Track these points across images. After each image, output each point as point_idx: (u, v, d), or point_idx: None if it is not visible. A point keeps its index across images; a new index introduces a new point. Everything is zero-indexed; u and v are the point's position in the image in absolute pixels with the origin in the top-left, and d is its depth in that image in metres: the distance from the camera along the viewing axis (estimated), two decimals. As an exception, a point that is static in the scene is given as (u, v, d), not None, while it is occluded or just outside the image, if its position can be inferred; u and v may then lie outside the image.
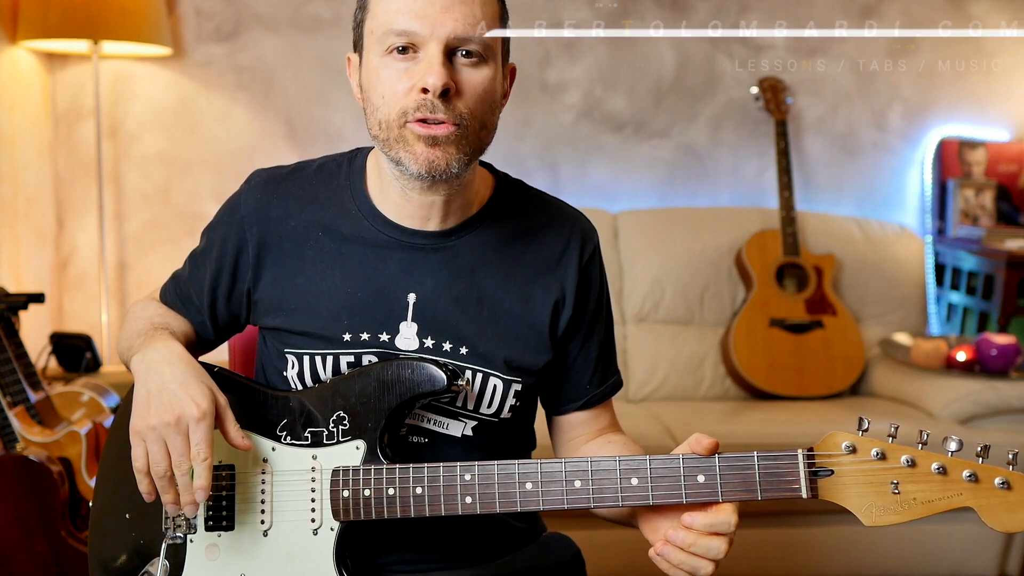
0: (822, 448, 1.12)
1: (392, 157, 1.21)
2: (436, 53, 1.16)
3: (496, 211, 1.34)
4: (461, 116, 1.18)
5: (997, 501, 1.07)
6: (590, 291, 1.38)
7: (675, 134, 3.63)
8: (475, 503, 1.18)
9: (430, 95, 1.15)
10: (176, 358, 1.22)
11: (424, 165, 1.18)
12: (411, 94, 1.17)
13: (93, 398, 2.60)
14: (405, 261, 1.29)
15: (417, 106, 1.16)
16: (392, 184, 1.28)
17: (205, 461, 1.13)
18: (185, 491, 1.15)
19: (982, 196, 3.66)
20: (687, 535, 1.12)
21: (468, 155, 1.21)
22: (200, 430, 1.14)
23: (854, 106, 3.69)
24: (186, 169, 3.39)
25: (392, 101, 1.18)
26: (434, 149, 1.18)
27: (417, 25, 1.16)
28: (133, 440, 1.17)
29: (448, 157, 1.18)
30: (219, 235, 1.36)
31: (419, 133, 1.17)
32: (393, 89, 1.18)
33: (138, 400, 1.18)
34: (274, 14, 3.38)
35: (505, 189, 1.37)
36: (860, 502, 1.10)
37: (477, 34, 1.18)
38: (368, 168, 1.34)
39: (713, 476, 1.13)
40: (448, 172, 1.19)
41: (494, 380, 1.30)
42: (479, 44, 1.18)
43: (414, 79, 1.17)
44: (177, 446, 1.14)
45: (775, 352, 3.24)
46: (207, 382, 1.19)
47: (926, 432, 1.10)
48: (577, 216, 1.40)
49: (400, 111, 1.17)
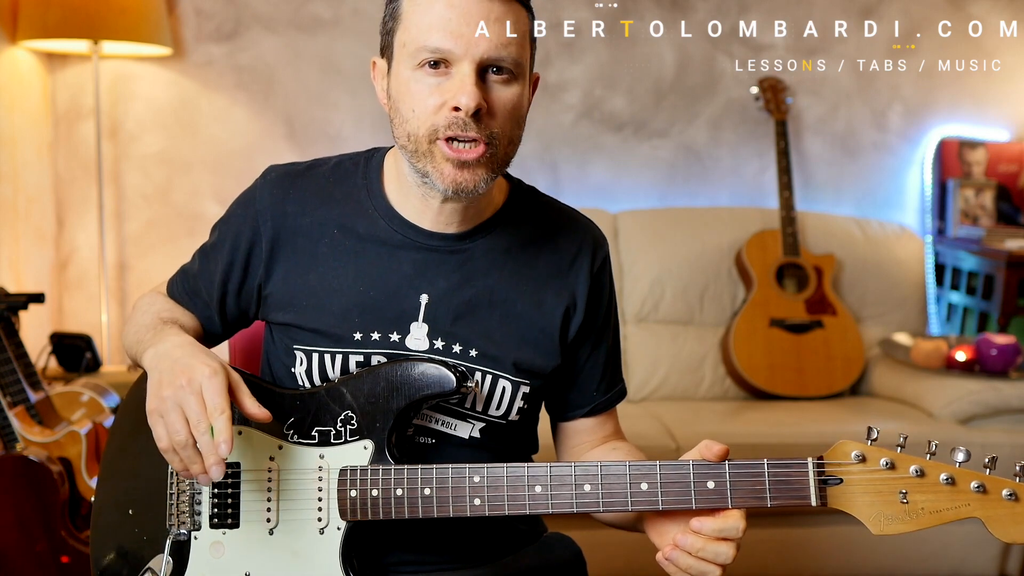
0: (832, 456, 1.13)
1: (419, 170, 1.21)
2: (469, 72, 1.15)
3: (510, 216, 1.34)
4: (492, 135, 1.18)
5: (1004, 512, 1.09)
6: (601, 298, 1.38)
7: (675, 134, 3.63)
8: (484, 505, 1.17)
9: (462, 114, 1.15)
10: (187, 342, 1.22)
11: (451, 185, 1.19)
12: (442, 111, 1.16)
13: (93, 398, 2.60)
14: (419, 262, 1.30)
15: (448, 124, 1.16)
16: (413, 189, 1.28)
17: (223, 414, 1.10)
18: (208, 453, 1.11)
19: (982, 196, 3.66)
20: (696, 540, 1.13)
21: (495, 173, 1.21)
22: (213, 385, 1.12)
23: (854, 106, 3.70)
24: (186, 169, 3.38)
25: (423, 116, 1.17)
26: (462, 171, 1.18)
27: (451, 43, 1.15)
28: (151, 421, 1.15)
29: (476, 179, 1.19)
30: (232, 228, 1.36)
31: (448, 155, 1.17)
32: (424, 104, 1.17)
33: (151, 384, 1.17)
34: (274, 14, 3.37)
35: (519, 195, 1.37)
36: (869, 511, 1.11)
37: (509, 53, 1.17)
38: (386, 168, 1.34)
39: (723, 483, 1.14)
40: (475, 192, 1.20)
41: (503, 382, 1.30)
42: (511, 63, 1.18)
43: (446, 96, 1.16)
44: (193, 407, 1.11)
45: (775, 352, 3.24)
46: (218, 358, 1.18)
47: (934, 442, 1.11)
48: (589, 224, 1.41)
49: (430, 127, 1.17)
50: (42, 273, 3.24)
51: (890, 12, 3.65)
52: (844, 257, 3.41)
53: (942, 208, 3.70)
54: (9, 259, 2.99)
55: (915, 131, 3.73)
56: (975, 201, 3.66)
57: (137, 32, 3.01)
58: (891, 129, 3.72)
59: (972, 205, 3.66)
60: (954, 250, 3.59)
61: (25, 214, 3.10)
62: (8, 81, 3.01)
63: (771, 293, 3.29)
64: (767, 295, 3.29)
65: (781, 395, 3.22)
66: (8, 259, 2.98)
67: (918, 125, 3.73)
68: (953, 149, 3.69)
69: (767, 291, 3.29)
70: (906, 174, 3.75)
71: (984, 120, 3.74)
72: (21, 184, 3.07)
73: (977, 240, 3.46)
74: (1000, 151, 3.71)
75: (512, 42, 1.17)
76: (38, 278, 3.20)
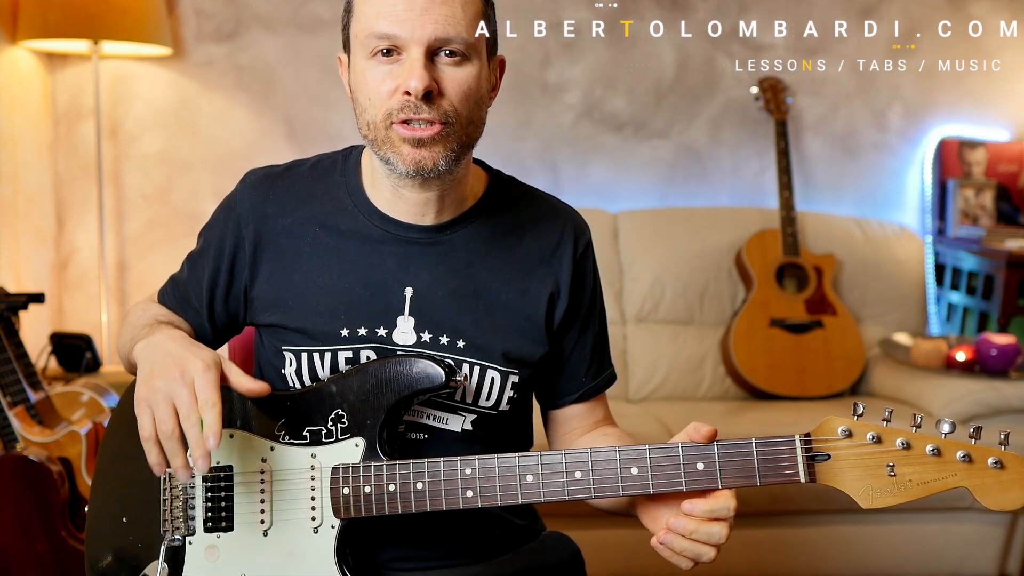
0: (819, 433, 1.13)
1: (381, 157, 1.23)
2: (418, 55, 1.18)
3: (490, 206, 1.36)
4: (446, 114, 1.20)
5: (991, 481, 1.09)
6: (585, 284, 1.39)
7: (675, 134, 3.63)
8: (476, 496, 1.18)
9: (412, 97, 1.17)
10: (180, 336, 1.22)
11: (412, 165, 1.21)
12: (395, 96, 1.19)
13: (93, 398, 2.60)
14: (401, 255, 1.31)
15: (401, 107, 1.18)
16: (384, 181, 1.30)
17: (214, 408, 1.11)
18: (196, 445, 1.10)
19: (982, 196, 3.66)
20: (688, 522, 1.14)
21: (456, 151, 1.23)
22: (207, 379, 1.12)
23: (854, 106, 3.69)
24: (186, 169, 3.39)
25: (377, 103, 1.20)
26: (420, 150, 1.20)
27: (397, 29, 1.17)
28: (139, 409, 1.15)
29: (435, 156, 1.21)
30: (216, 234, 1.37)
31: (404, 135, 1.19)
32: (378, 91, 1.20)
33: (142, 373, 1.17)
34: (274, 14, 3.38)
35: (498, 185, 1.39)
36: (857, 485, 1.12)
37: (457, 34, 1.19)
38: (363, 164, 1.36)
39: (712, 463, 1.14)
40: (436, 170, 1.22)
41: (492, 372, 1.31)
42: (460, 44, 1.20)
43: (397, 81, 1.19)
44: (184, 398, 1.12)
45: (775, 352, 3.24)
46: (213, 352, 1.18)
47: (919, 415, 1.12)
48: (570, 211, 1.42)
49: (385, 112, 1.20)
50: (42, 273, 3.24)
51: (890, 12, 3.65)
52: (844, 257, 3.41)
53: (942, 208, 3.70)
54: (9, 259, 3.00)
55: (915, 131, 3.73)
56: (975, 201, 3.66)
57: (137, 32, 3.02)
58: (891, 129, 3.72)
59: (972, 205, 3.65)
60: (954, 250, 3.59)
61: (25, 214, 3.10)
62: (8, 81, 3.02)
63: (771, 293, 3.29)
64: (767, 295, 3.29)
65: (781, 395, 3.22)
66: (8, 259, 2.99)
67: (918, 125, 3.72)
68: (953, 149, 3.69)
69: (767, 291, 3.29)
70: (906, 174, 3.75)
71: (984, 120, 3.74)
72: (21, 184, 3.08)
73: (977, 240, 3.46)
74: (1000, 151, 3.71)
75: (460, 22, 1.19)
76: (38, 278, 3.21)
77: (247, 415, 1.25)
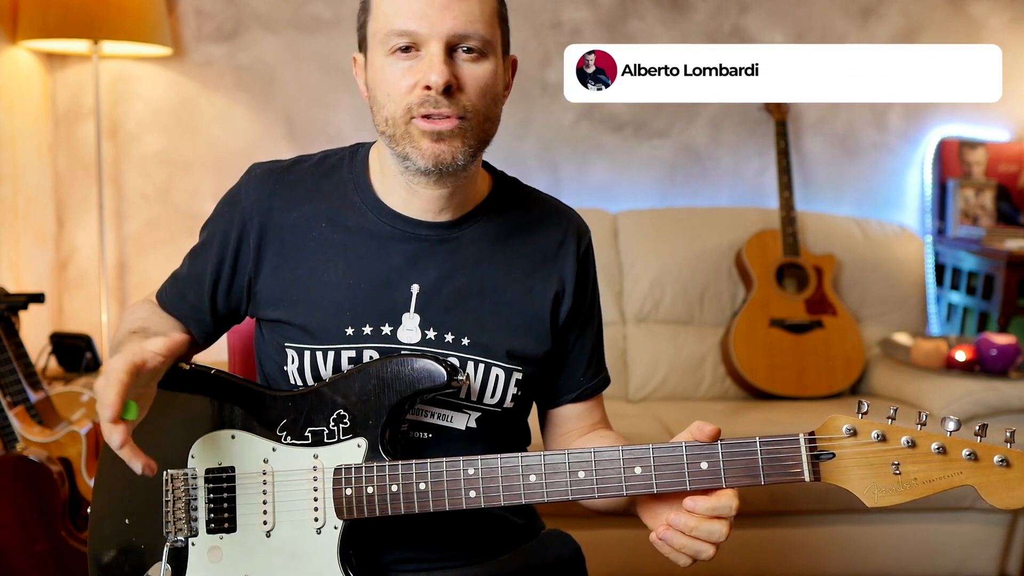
0: (823, 432, 1.13)
1: (399, 153, 1.23)
2: (437, 51, 1.19)
3: (496, 205, 1.36)
4: (465, 110, 1.21)
5: (996, 479, 1.09)
6: (587, 283, 1.40)
7: (675, 134, 3.63)
8: (479, 497, 1.18)
9: (433, 92, 1.18)
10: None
11: (431, 160, 1.21)
12: (415, 91, 1.19)
13: (93, 398, 2.60)
14: (409, 252, 1.31)
15: (421, 102, 1.19)
16: (397, 179, 1.29)
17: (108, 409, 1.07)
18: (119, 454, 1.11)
19: (982, 196, 3.66)
20: (689, 519, 1.13)
21: (473, 147, 1.23)
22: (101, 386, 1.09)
23: (854, 106, 3.69)
24: (186, 169, 3.39)
25: (397, 98, 1.21)
26: (439, 144, 1.21)
27: (416, 25, 1.18)
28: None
29: (454, 150, 1.21)
30: (220, 227, 1.36)
31: (424, 129, 1.20)
32: (397, 87, 1.21)
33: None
34: (274, 14, 3.37)
35: (502, 185, 1.40)
36: (862, 484, 1.12)
37: (476, 30, 1.20)
38: (371, 162, 1.36)
39: (716, 463, 1.14)
40: (455, 165, 1.22)
41: (496, 370, 1.31)
42: (478, 40, 1.21)
43: (417, 76, 1.19)
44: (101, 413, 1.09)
45: (775, 352, 3.24)
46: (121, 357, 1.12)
47: (924, 413, 1.11)
48: (572, 212, 1.43)
49: (405, 107, 1.20)
50: (42, 273, 3.24)
51: (890, 12, 3.65)
52: (844, 257, 3.41)
53: (942, 208, 3.70)
54: (9, 259, 2.99)
55: (915, 131, 3.73)
56: (975, 201, 3.66)
57: (137, 32, 3.02)
58: (891, 129, 3.72)
59: (972, 205, 3.65)
60: (954, 250, 3.59)
61: (25, 214, 3.10)
62: (8, 81, 3.02)
63: (771, 293, 3.29)
64: (767, 295, 3.29)
65: (781, 395, 3.22)
66: (8, 259, 2.99)
67: (918, 125, 3.73)
68: (953, 149, 3.69)
69: (767, 291, 3.29)
70: (906, 174, 3.75)
71: (984, 120, 3.74)
72: (21, 184, 3.07)
73: (977, 240, 3.46)
74: (1000, 151, 3.71)
75: (478, 19, 1.20)
76: (38, 278, 3.20)
77: (248, 416, 1.26)
